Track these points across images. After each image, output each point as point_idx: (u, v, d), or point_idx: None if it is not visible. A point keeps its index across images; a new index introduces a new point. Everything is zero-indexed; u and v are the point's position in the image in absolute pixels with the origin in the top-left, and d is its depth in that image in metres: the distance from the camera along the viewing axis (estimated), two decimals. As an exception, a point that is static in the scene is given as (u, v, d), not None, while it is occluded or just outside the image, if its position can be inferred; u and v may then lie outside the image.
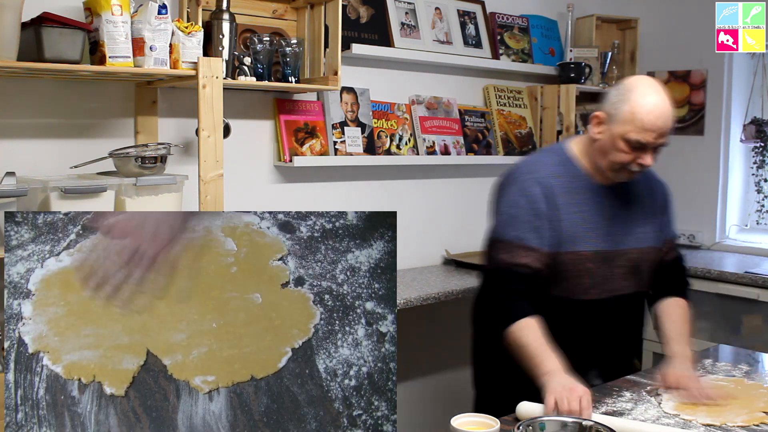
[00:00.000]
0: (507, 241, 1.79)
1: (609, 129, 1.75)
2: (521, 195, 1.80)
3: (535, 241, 1.77)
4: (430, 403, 3.15)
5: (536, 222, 1.77)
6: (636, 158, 1.74)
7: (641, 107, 1.70)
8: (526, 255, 1.76)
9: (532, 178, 1.82)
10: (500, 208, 1.85)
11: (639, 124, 1.70)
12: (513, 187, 1.84)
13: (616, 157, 1.75)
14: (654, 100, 1.71)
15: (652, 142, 1.71)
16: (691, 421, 1.55)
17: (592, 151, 1.82)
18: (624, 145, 1.73)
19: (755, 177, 3.55)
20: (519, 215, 1.79)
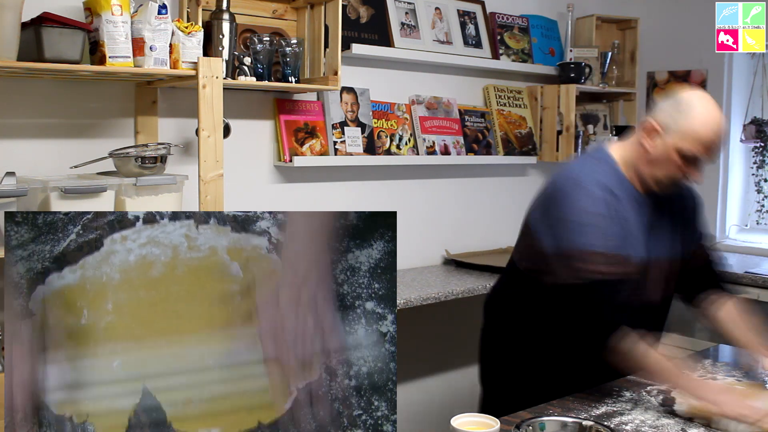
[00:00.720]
0: (600, 252, 1.68)
1: (664, 141, 1.71)
2: (598, 201, 1.71)
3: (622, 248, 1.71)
4: (430, 403, 3.15)
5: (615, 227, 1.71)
6: (686, 173, 1.72)
7: (703, 123, 1.68)
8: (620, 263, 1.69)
9: (600, 183, 1.74)
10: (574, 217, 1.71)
11: (699, 140, 1.67)
12: (580, 195, 1.73)
13: (667, 170, 1.72)
14: (714, 116, 1.69)
15: (707, 159, 1.70)
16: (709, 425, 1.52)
17: (640, 161, 1.77)
18: (678, 158, 1.70)
19: (755, 177, 3.55)
20: (600, 224, 1.69)
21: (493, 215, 3.36)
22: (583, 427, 1.45)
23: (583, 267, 1.69)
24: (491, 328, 2.02)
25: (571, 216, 1.72)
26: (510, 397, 1.81)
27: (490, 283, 2.71)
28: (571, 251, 1.71)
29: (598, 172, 1.78)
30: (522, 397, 1.70)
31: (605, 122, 3.63)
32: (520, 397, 1.70)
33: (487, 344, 2.03)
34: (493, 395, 1.98)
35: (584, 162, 1.88)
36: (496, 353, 1.98)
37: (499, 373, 1.97)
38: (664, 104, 1.75)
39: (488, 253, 3.25)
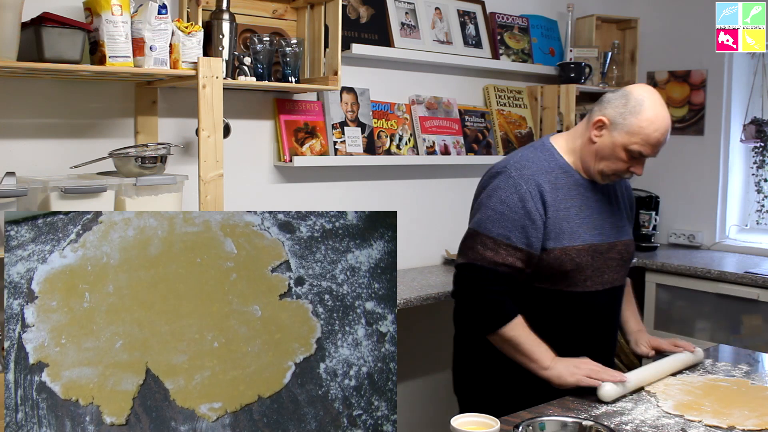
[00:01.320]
0: (493, 238, 1.78)
1: (611, 136, 1.78)
2: (512, 192, 1.79)
3: (521, 241, 1.77)
4: (430, 403, 3.14)
5: (525, 221, 1.77)
6: (630, 167, 1.79)
7: (651, 123, 1.73)
8: (511, 254, 1.76)
9: (523, 175, 1.81)
10: (489, 203, 1.82)
11: (645, 139, 1.74)
12: (503, 184, 1.82)
13: (612, 165, 1.80)
14: (662, 116, 1.75)
15: (650, 155, 1.77)
16: (696, 422, 1.54)
17: (586, 153, 1.84)
18: (624, 154, 1.77)
19: (755, 177, 3.55)
20: (507, 213, 1.78)
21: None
22: (583, 427, 1.45)
23: (473, 247, 1.80)
24: (462, 335, 2.01)
25: (485, 199, 1.84)
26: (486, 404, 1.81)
27: (490, 283, 2.71)
28: (469, 230, 1.85)
29: (532, 160, 1.85)
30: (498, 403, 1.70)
31: (605, 122, 3.63)
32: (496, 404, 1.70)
33: (459, 352, 2.03)
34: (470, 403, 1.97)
35: (524, 151, 1.93)
36: (470, 361, 1.97)
37: (473, 381, 1.96)
38: (614, 99, 1.80)
39: (488, 253, 3.24)
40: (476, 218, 1.85)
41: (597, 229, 1.84)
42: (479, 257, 1.79)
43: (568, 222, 1.80)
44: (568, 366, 1.70)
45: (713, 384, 1.77)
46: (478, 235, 1.81)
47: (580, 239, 1.80)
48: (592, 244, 1.82)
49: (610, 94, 1.83)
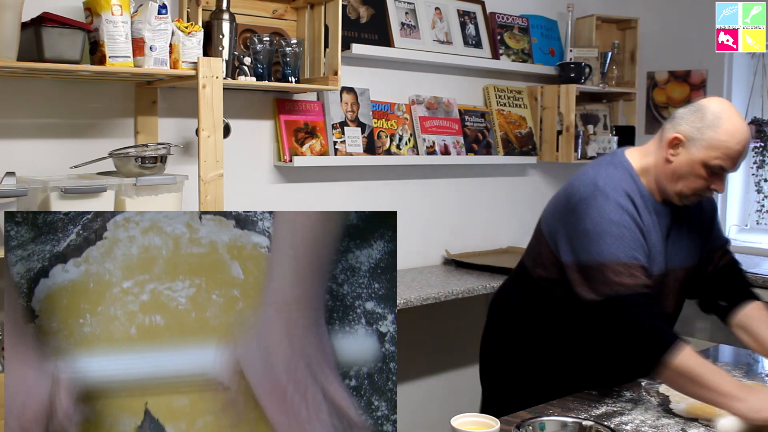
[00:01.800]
0: (624, 263, 1.61)
1: (688, 153, 1.66)
2: (621, 212, 1.65)
3: (645, 258, 1.65)
4: (430, 403, 3.15)
5: (641, 238, 1.66)
6: (710, 185, 1.68)
7: (732, 135, 1.63)
8: (643, 273, 1.63)
9: (620, 193, 1.67)
10: (599, 229, 1.64)
11: (727, 152, 1.63)
12: (607, 205, 1.65)
13: (691, 183, 1.68)
14: (742, 127, 1.66)
15: (732, 170, 1.67)
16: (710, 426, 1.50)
17: (662, 173, 1.72)
18: (704, 171, 1.66)
19: (755, 177, 3.55)
20: (625, 233, 1.63)
21: (493, 215, 3.36)
22: (583, 427, 1.45)
23: (605, 281, 1.61)
24: (495, 329, 2.01)
25: (591, 226, 1.65)
26: (510, 397, 1.81)
27: (490, 283, 2.71)
28: (591, 264, 1.64)
29: (623, 180, 1.71)
30: (522, 397, 1.70)
31: (605, 122, 3.63)
32: (521, 398, 1.70)
33: (489, 344, 2.03)
34: (494, 395, 1.98)
35: (601, 167, 1.76)
36: (499, 354, 1.97)
37: (500, 374, 1.97)
38: (687, 114, 1.68)
39: (488, 253, 3.25)
40: (592, 250, 1.64)
41: (662, 255, 1.74)
42: (620, 287, 1.60)
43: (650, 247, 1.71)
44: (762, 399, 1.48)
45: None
46: (604, 266, 1.62)
47: (654, 266, 1.71)
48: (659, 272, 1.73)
49: (681, 110, 1.71)
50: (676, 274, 1.78)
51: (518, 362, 1.88)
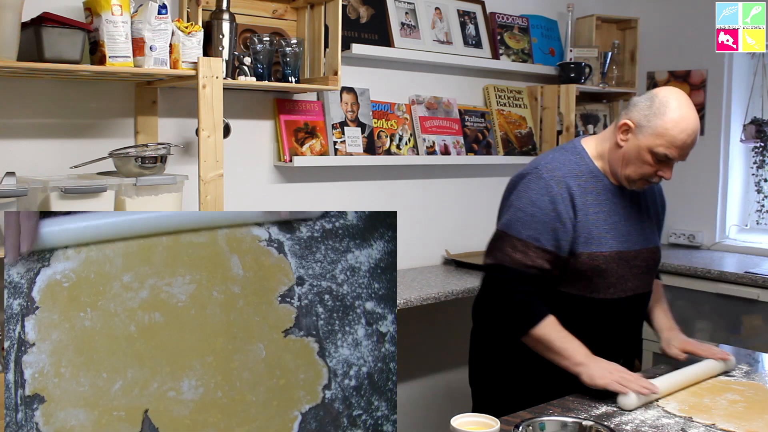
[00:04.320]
0: (523, 240, 1.76)
1: (636, 139, 1.75)
2: (543, 194, 1.77)
3: (550, 243, 1.75)
4: (430, 403, 3.15)
5: (555, 224, 1.75)
6: (657, 171, 1.75)
7: (676, 124, 1.70)
8: (540, 256, 1.75)
9: (554, 176, 1.79)
10: (519, 204, 1.80)
11: (671, 140, 1.70)
12: (534, 185, 1.79)
13: (638, 168, 1.76)
14: (688, 117, 1.71)
15: (677, 158, 1.73)
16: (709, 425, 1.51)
17: (613, 157, 1.81)
18: (650, 157, 1.73)
19: (755, 177, 3.55)
20: (538, 215, 1.76)
21: (493, 215, 3.34)
22: (583, 427, 1.45)
23: (502, 248, 1.78)
24: (480, 330, 2.02)
25: (514, 200, 1.82)
26: (500, 398, 1.81)
27: (490, 283, 2.71)
28: (497, 231, 1.84)
29: (563, 162, 1.82)
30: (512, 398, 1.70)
31: (605, 122, 3.63)
32: (511, 399, 1.71)
33: (476, 347, 2.04)
34: (484, 397, 1.99)
35: (554, 151, 1.91)
36: (486, 355, 1.98)
37: (489, 376, 1.97)
38: (639, 102, 1.77)
39: (488, 253, 3.25)
40: (505, 219, 1.83)
41: (624, 236, 1.82)
42: (508, 259, 1.77)
43: (597, 227, 1.78)
44: (602, 367, 1.66)
45: (723, 386, 1.74)
46: (507, 236, 1.79)
47: (608, 246, 1.78)
48: (619, 251, 1.80)
49: (636, 98, 1.80)
50: (644, 254, 1.86)
51: (506, 361, 1.89)
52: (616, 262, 1.80)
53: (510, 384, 1.88)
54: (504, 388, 1.89)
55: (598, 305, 1.82)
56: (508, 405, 1.66)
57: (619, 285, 1.82)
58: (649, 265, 1.89)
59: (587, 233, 1.77)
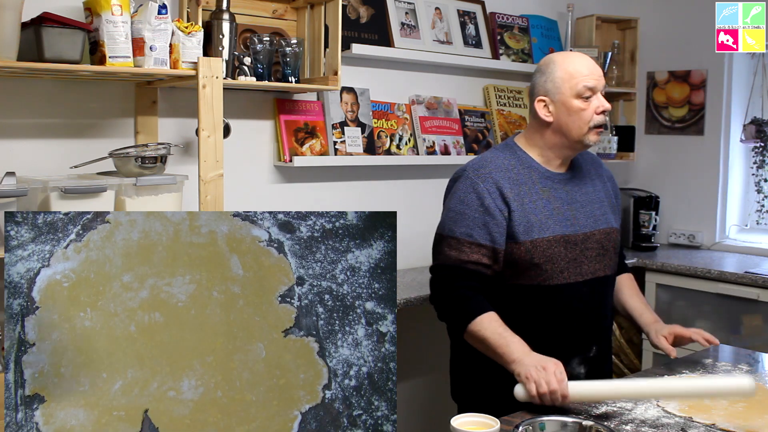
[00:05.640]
0: (456, 238, 1.80)
1: (556, 101, 1.82)
2: (470, 192, 1.82)
3: (484, 238, 1.78)
4: (430, 403, 3.14)
5: (485, 218, 1.79)
6: (594, 108, 1.81)
7: (570, 62, 1.81)
8: (475, 251, 1.78)
9: (480, 174, 1.84)
10: (450, 205, 1.86)
11: (578, 74, 1.79)
12: (462, 185, 1.85)
13: (579, 119, 1.81)
14: (574, 54, 1.86)
15: (597, 85, 1.81)
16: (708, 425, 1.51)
17: (548, 136, 1.86)
18: (578, 101, 1.80)
19: (755, 177, 3.55)
20: (467, 212, 1.81)
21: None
22: (583, 427, 1.45)
23: (440, 251, 1.84)
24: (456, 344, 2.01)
25: (447, 203, 1.89)
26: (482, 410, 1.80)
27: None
28: (436, 236, 1.88)
29: (491, 159, 1.88)
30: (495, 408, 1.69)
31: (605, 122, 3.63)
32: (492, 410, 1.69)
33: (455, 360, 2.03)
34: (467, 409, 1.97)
35: (485, 153, 1.96)
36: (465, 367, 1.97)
37: (470, 388, 1.96)
38: (536, 78, 1.87)
39: (488, 253, 3.25)
40: (440, 222, 1.89)
41: (569, 220, 1.84)
42: (446, 258, 1.82)
43: (536, 215, 1.81)
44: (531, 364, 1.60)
45: None
46: (443, 237, 1.85)
47: (550, 231, 1.81)
48: (563, 235, 1.82)
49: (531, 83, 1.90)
50: (596, 236, 1.88)
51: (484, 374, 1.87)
52: (563, 245, 1.81)
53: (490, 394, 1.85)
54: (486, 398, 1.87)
55: (555, 292, 1.82)
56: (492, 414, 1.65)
57: (572, 269, 1.83)
58: (605, 246, 1.90)
59: (526, 222, 1.80)
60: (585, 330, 1.89)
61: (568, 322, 1.84)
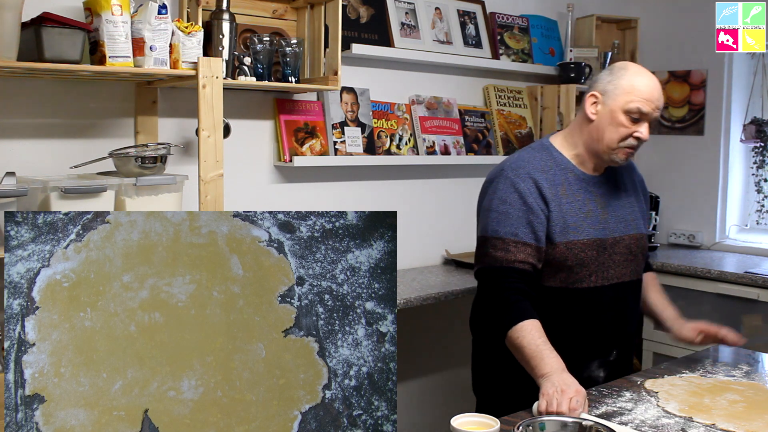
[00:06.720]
0: (501, 238, 1.79)
1: (606, 105, 1.80)
2: (511, 191, 1.81)
3: (529, 236, 1.78)
4: (430, 403, 3.15)
5: (529, 216, 1.79)
6: (633, 132, 1.79)
7: (640, 79, 1.78)
8: (521, 250, 1.77)
9: (519, 174, 1.83)
10: (491, 205, 1.84)
11: (640, 93, 1.77)
12: (502, 184, 1.84)
13: (614, 133, 1.80)
14: (649, 74, 1.81)
15: (650, 113, 1.78)
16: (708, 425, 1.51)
17: (586, 135, 1.85)
18: (624, 117, 1.78)
19: (755, 177, 3.55)
20: (510, 211, 1.79)
21: (493, 215, 3.36)
22: (583, 427, 1.45)
23: (485, 253, 1.81)
24: (479, 340, 2.02)
25: (487, 203, 1.86)
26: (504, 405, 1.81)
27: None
28: (479, 237, 1.86)
29: (528, 159, 1.86)
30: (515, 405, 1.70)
31: (605, 122, 3.63)
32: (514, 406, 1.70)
33: (477, 356, 2.03)
34: (488, 403, 1.98)
35: (520, 153, 1.95)
36: (488, 364, 1.98)
37: (491, 384, 1.97)
38: (599, 76, 1.85)
39: (488, 253, 3.25)
40: (481, 224, 1.87)
41: (601, 223, 1.84)
42: (492, 260, 1.79)
43: (572, 216, 1.81)
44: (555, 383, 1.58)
45: (723, 386, 1.74)
46: (487, 239, 1.82)
47: (584, 233, 1.81)
48: (596, 239, 1.82)
49: (595, 77, 1.89)
50: (625, 241, 1.88)
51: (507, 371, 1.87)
52: (595, 249, 1.81)
53: (513, 391, 1.86)
54: (507, 394, 1.88)
55: (582, 295, 1.83)
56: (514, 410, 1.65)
57: (600, 273, 1.83)
58: (633, 252, 1.90)
59: (562, 223, 1.80)
60: (607, 334, 1.89)
61: (591, 326, 1.85)
